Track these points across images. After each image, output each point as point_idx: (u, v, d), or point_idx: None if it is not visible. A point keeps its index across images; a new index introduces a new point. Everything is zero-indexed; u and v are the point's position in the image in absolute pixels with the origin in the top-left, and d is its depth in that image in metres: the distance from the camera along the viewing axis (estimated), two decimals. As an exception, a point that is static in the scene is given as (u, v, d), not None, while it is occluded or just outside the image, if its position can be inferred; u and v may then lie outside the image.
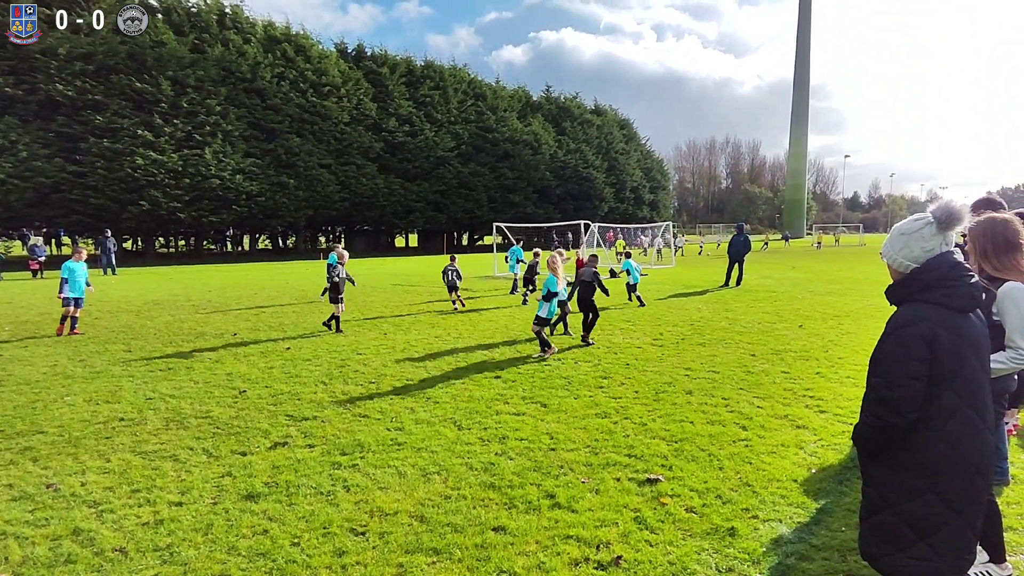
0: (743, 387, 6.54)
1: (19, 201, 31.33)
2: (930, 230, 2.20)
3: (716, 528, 3.49)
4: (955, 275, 2.15)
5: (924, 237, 2.21)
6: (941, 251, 2.19)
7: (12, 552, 3.32)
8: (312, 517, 3.68)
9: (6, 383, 7.06)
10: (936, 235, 2.19)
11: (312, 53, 45.60)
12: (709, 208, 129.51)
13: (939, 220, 2.19)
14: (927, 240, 2.20)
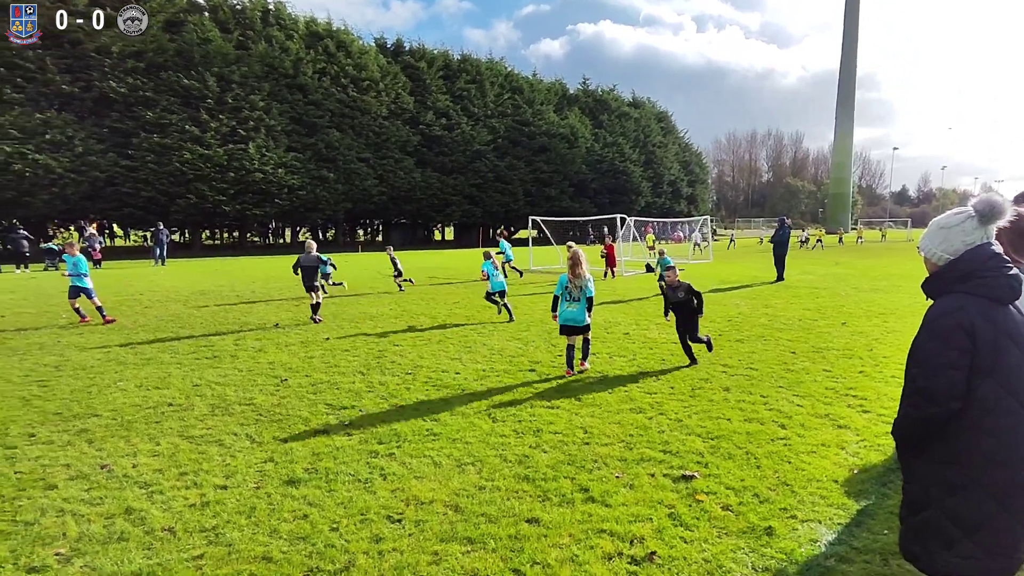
0: (782, 385, 6.40)
1: (75, 194, 32.79)
2: (971, 224, 2.13)
3: (753, 527, 3.43)
4: (993, 265, 2.08)
5: (965, 231, 2.14)
6: (981, 243, 2.12)
7: (70, 528, 3.51)
8: (350, 503, 3.78)
9: (64, 368, 7.44)
10: (977, 229, 2.12)
11: (353, 48, 46.25)
12: (749, 202, 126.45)
13: (980, 213, 2.11)
14: (968, 234, 2.13)
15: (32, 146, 30.88)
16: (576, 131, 59.81)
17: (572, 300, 6.80)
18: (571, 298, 6.80)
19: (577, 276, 6.74)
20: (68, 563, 3.14)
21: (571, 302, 6.81)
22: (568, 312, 6.82)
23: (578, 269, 6.73)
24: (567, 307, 6.82)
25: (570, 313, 6.81)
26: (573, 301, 6.79)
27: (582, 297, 6.78)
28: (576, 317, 6.80)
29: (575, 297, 6.79)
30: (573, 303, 6.80)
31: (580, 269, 6.74)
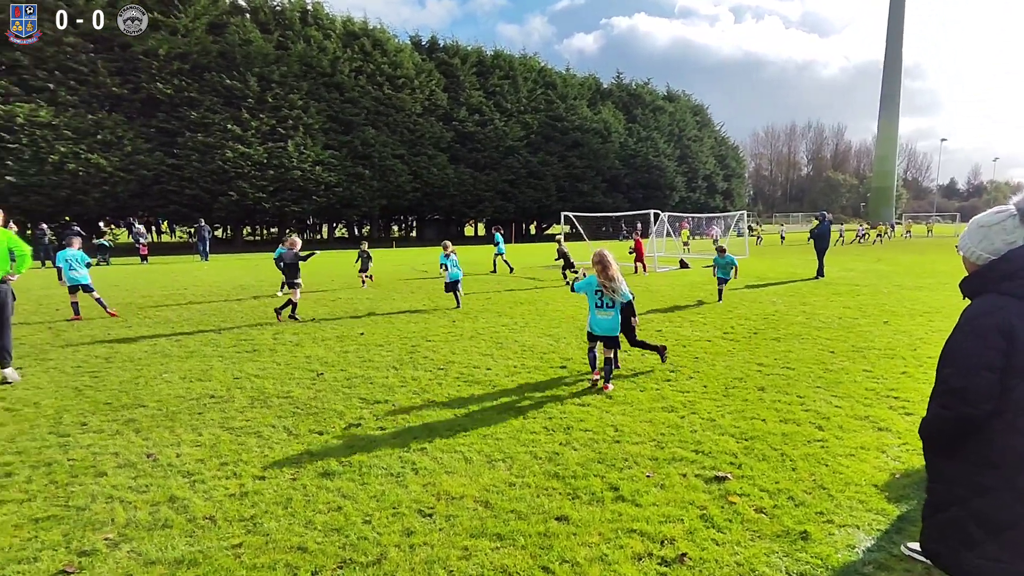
0: (820, 385, 6.24)
1: (124, 192, 34.12)
2: (1013, 222, 2.05)
3: (787, 531, 3.37)
4: None
5: (1006, 229, 2.06)
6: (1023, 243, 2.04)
7: (118, 515, 3.67)
8: (383, 497, 3.85)
9: (113, 360, 7.76)
10: (1019, 227, 2.05)
11: (388, 47, 46.79)
12: (787, 196, 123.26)
13: (1022, 212, 2.03)
14: (1009, 232, 2.06)
15: (85, 146, 32.23)
16: (609, 126, 59.28)
17: (605, 307, 6.03)
18: (604, 305, 6.03)
19: (611, 280, 5.95)
20: (116, 548, 3.29)
21: (604, 309, 6.03)
22: (602, 321, 6.05)
23: (610, 272, 5.95)
24: (599, 315, 6.06)
25: (604, 322, 6.04)
26: (607, 308, 6.02)
27: (618, 305, 6.04)
28: (610, 326, 6.06)
29: (609, 304, 6.02)
30: (606, 310, 6.03)
31: (612, 271, 5.96)
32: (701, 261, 24.43)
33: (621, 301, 6.04)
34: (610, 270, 5.95)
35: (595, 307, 6.07)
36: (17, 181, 30.26)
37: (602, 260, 5.99)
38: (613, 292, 5.94)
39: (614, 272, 5.97)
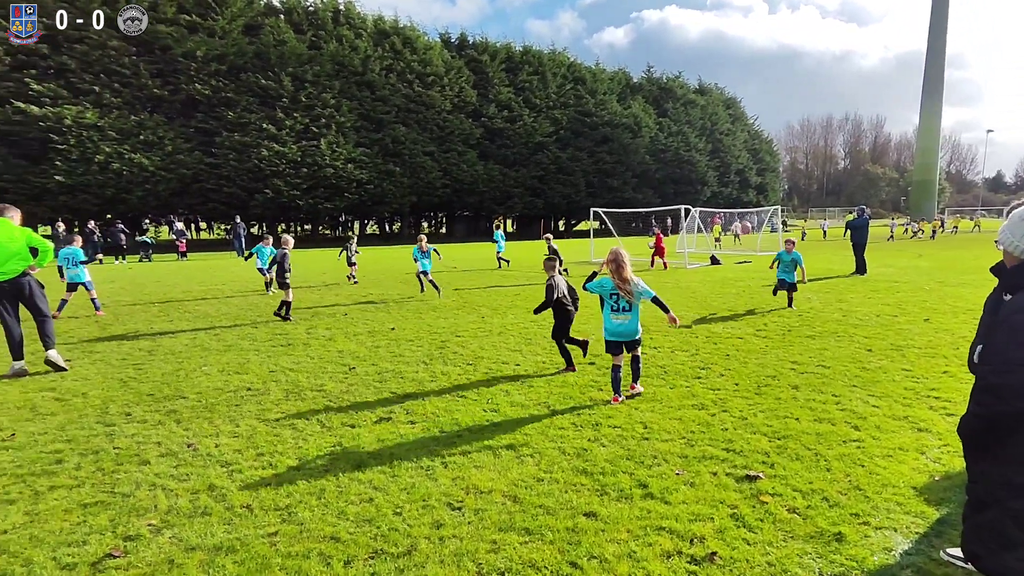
0: (856, 384, 6.09)
1: (166, 191, 35.20)
2: None
3: (821, 532, 3.31)
4: None
5: None
6: None
7: (160, 502, 3.81)
8: (413, 489, 3.91)
9: (156, 352, 8.04)
10: None
11: (418, 44, 47.16)
12: (823, 191, 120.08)
13: None
14: None
15: (128, 146, 33.36)
16: (639, 120, 58.64)
17: (622, 310, 5.60)
18: (620, 308, 5.60)
19: (626, 281, 5.50)
20: (159, 534, 3.42)
21: (620, 312, 5.60)
22: (618, 325, 5.60)
23: (624, 272, 5.50)
24: (616, 319, 5.59)
25: (621, 326, 5.59)
26: (623, 311, 5.59)
27: (635, 306, 5.61)
28: (628, 330, 5.60)
29: (626, 307, 5.58)
30: (623, 314, 5.59)
31: (627, 271, 5.53)
32: (733, 257, 24.02)
33: (637, 302, 5.59)
34: (625, 270, 5.51)
35: (611, 311, 5.62)
36: (65, 180, 31.49)
37: (616, 259, 5.51)
38: (629, 293, 5.50)
39: (629, 272, 5.54)
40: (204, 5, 37.44)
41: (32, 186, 31.16)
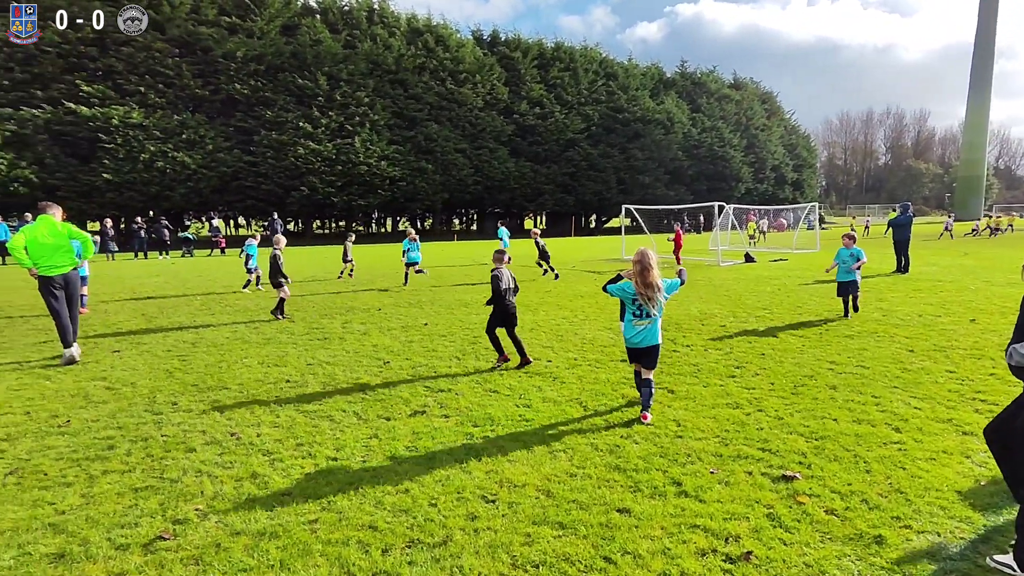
0: (897, 385, 5.93)
1: (207, 188, 36.26)
2: None
3: (860, 534, 3.25)
4: None
5: None
6: None
7: (206, 488, 3.96)
8: (447, 481, 3.98)
9: (199, 345, 8.32)
10: None
11: (451, 42, 47.42)
12: (863, 187, 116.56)
13: None
14: None
15: (171, 145, 34.46)
16: (672, 116, 57.85)
17: (644, 315, 5.09)
18: (642, 314, 5.10)
19: (650, 287, 4.96)
20: (205, 518, 3.56)
21: (642, 319, 5.11)
22: (638, 332, 5.11)
23: (650, 276, 4.95)
24: (636, 325, 5.12)
25: (641, 334, 5.11)
26: (645, 317, 5.09)
27: (659, 313, 5.10)
28: (650, 337, 5.12)
29: (649, 313, 5.06)
30: (645, 319, 5.10)
31: (653, 276, 4.96)
32: (768, 255, 23.55)
33: (661, 309, 5.11)
34: (650, 274, 4.95)
35: (632, 316, 5.13)
36: (113, 178, 32.70)
37: (642, 261, 4.97)
38: (649, 301, 4.97)
39: (655, 277, 4.96)
40: (243, 7, 38.39)
41: (81, 184, 32.44)
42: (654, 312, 5.03)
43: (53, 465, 4.32)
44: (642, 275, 4.96)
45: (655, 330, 5.13)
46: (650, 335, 5.12)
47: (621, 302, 5.33)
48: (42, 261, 7.31)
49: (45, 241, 7.33)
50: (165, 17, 35.18)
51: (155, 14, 34.90)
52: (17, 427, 5.11)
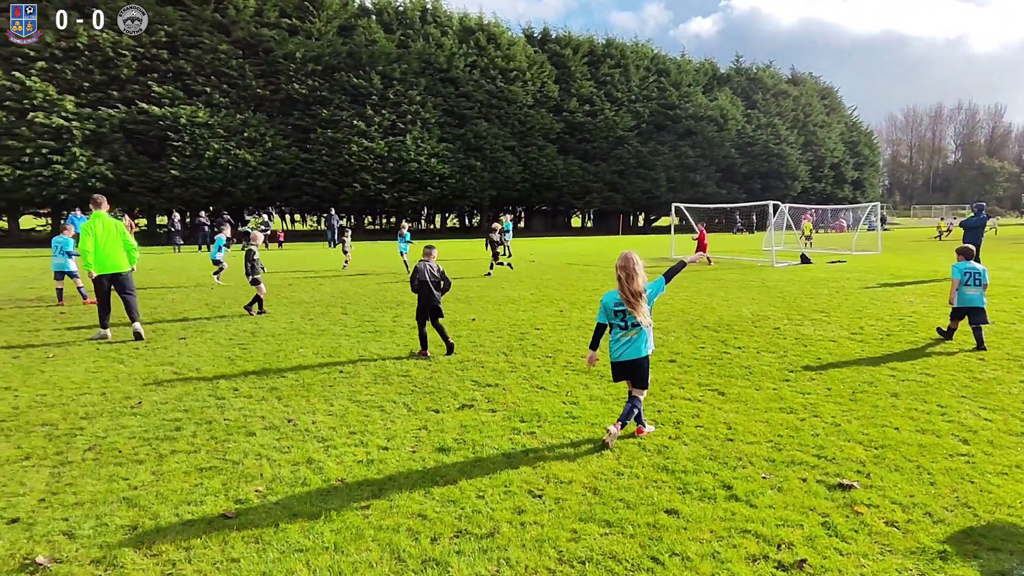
0: (966, 395, 5.63)
1: (266, 184, 37.65)
2: None
3: (923, 548, 3.12)
4: None
5: None
6: None
7: (265, 471, 4.14)
8: (494, 474, 4.03)
9: (258, 335, 8.68)
10: None
11: (502, 41, 47.59)
12: (929, 186, 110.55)
13: None
14: None
15: (234, 143, 35.93)
16: (726, 113, 56.32)
17: (630, 326, 4.55)
18: (628, 324, 4.55)
19: (636, 295, 4.42)
20: (264, 499, 3.73)
21: (627, 330, 4.57)
22: (623, 345, 4.59)
23: (635, 284, 4.41)
24: (622, 338, 4.59)
25: (627, 346, 4.58)
26: (631, 327, 4.55)
27: (647, 322, 4.51)
28: (637, 348, 4.57)
29: (635, 322, 4.50)
30: (631, 330, 4.55)
31: (638, 283, 4.41)
32: (825, 256, 22.68)
33: (644, 324, 4.49)
34: (635, 282, 4.41)
35: (617, 328, 4.61)
36: (180, 175, 34.37)
37: (627, 267, 4.43)
38: (636, 310, 4.42)
39: (640, 285, 4.43)
40: (303, 9, 39.60)
41: (152, 179, 34.25)
42: (641, 320, 4.45)
43: (126, 443, 4.60)
44: (628, 282, 4.43)
45: (643, 340, 4.59)
46: (636, 346, 4.57)
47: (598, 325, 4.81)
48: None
49: None
50: (230, 20, 36.67)
51: (221, 17, 36.45)
52: (95, 407, 5.46)
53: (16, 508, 3.60)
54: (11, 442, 4.62)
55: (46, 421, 5.09)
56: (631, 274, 4.42)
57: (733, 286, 13.32)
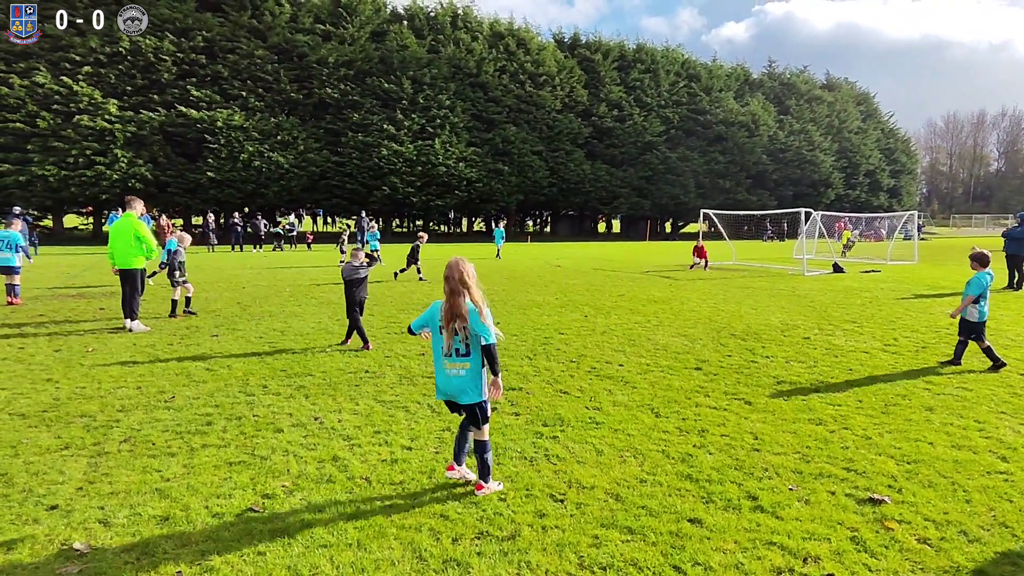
0: (1005, 411, 5.44)
1: (298, 187, 38.33)
2: None
3: (957, 567, 3.03)
4: None
5: None
6: None
7: (292, 466, 4.22)
8: (517, 478, 4.04)
9: (287, 333, 8.84)
10: None
11: (531, 45, 47.70)
12: (970, 195, 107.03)
13: None
14: None
15: (268, 146, 36.68)
16: (758, 118, 55.39)
17: (456, 355, 3.66)
18: (452, 351, 3.66)
19: (458, 311, 3.59)
20: (291, 495, 3.80)
21: (453, 359, 3.67)
22: (450, 378, 3.70)
23: (459, 299, 3.60)
24: (448, 369, 3.70)
25: (455, 379, 3.68)
26: (458, 357, 3.66)
27: (474, 351, 3.66)
28: (461, 387, 3.68)
29: (461, 349, 3.65)
30: (457, 361, 3.66)
31: (461, 300, 3.60)
32: (859, 266, 22.14)
33: (482, 342, 3.63)
34: (460, 298, 3.60)
35: (442, 354, 3.71)
36: (215, 176, 35.23)
37: (452, 275, 3.63)
38: (465, 333, 3.63)
39: (466, 300, 3.60)
40: (337, 15, 40.33)
41: (188, 181, 35.17)
42: (465, 344, 3.64)
43: (160, 436, 4.74)
44: (452, 297, 3.62)
45: (474, 377, 3.67)
46: (465, 383, 3.66)
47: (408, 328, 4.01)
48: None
49: None
50: (266, 26, 37.52)
51: (257, 23, 37.30)
52: (130, 400, 5.64)
53: (55, 495, 3.74)
54: (52, 432, 4.80)
55: (84, 412, 5.27)
56: (457, 290, 3.60)
57: (762, 294, 13.09)
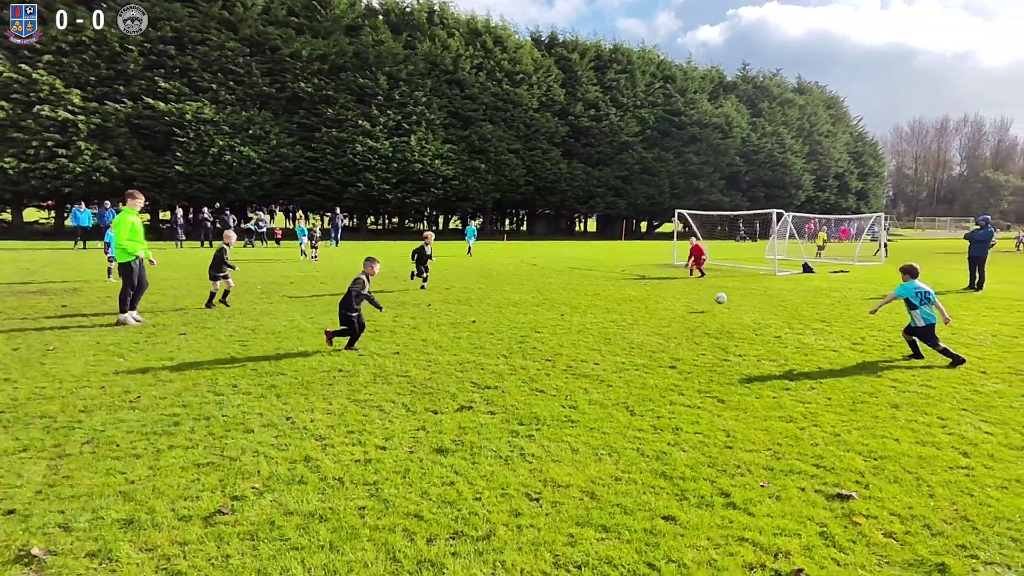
0: (967, 408, 5.61)
1: (270, 182, 37.68)
2: None
3: (921, 560, 3.10)
4: None
5: None
6: None
7: (262, 467, 4.13)
8: (492, 477, 4.02)
9: (258, 331, 8.67)
10: None
11: (509, 43, 47.66)
12: (934, 198, 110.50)
13: None
14: None
15: (239, 140, 35.97)
16: (731, 120, 56.34)
17: None
18: None
19: None
20: (261, 496, 3.72)
21: None
22: None
23: None
24: None
25: None
26: None
27: None
28: None
29: None
30: None
31: None
32: (829, 266, 22.65)
33: None
34: None
35: None
36: (184, 170, 34.41)
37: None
38: None
39: None
40: (311, 8, 39.72)
41: (156, 174, 34.27)
42: None
43: (124, 437, 4.60)
44: None
45: None
46: None
47: None
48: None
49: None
50: (238, 17, 36.76)
51: (228, 14, 36.53)
52: (93, 400, 5.46)
53: (13, 499, 3.60)
54: (9, 434, 4.62)
55: (44, 413, 5.09)
56: None
57: (735, 294, 13.26)
